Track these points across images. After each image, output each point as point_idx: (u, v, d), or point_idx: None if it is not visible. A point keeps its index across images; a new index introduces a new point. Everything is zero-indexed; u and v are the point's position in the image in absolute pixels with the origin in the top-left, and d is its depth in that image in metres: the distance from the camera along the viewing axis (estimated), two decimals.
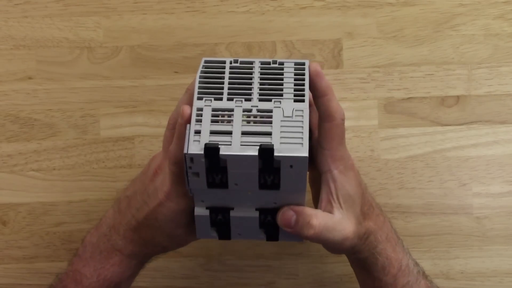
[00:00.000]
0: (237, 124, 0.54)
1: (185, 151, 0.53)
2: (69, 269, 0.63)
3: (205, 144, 0.53)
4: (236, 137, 0.54)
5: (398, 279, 0.61)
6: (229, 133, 0.54)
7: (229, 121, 0.54)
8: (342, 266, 0.74)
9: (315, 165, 0.58)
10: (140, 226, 0.60)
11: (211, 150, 0.53)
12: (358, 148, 0.76)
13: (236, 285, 0.76)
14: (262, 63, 0.58)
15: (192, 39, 0.76)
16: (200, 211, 0.57)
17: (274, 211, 0.57)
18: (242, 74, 0.57)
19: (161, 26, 0.76)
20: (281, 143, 0.53)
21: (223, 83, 0.57)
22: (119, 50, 0.76)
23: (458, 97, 0.76)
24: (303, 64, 0.58)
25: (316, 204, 0.60)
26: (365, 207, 0.60)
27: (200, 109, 0.55)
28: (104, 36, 0.76)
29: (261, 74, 0.57)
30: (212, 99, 0.56)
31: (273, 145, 0.53)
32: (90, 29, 0.76)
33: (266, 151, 0.53)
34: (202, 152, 0.53)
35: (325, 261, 0.75)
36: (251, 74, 0.57)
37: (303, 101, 0.56)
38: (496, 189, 0.76)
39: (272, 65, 0.58)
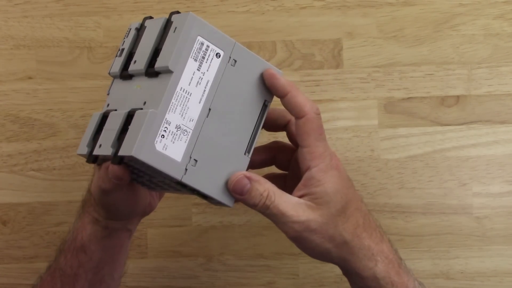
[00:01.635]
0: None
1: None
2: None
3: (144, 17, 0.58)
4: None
5: None
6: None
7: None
8: None
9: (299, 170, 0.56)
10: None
11: (147, 17, 0.58)
12: (358, 148, 0.76)
13: (236, 285, 0.76)
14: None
15: None
16: (98, 113, 0.57)
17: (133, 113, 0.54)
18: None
19: None
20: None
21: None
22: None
23: (458, 97, 0.76)
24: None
25: None
26: (352, 208, 0.56)
27: None
28: (104, 36, 0.76)
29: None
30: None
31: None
32: (90, 29, 0.76)
33: (174, 12, 0.57)
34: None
35: None
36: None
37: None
38: (496, 189, 0.76)
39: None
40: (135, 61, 0.56)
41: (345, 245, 0.55)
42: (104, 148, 0.54)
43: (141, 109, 0.53)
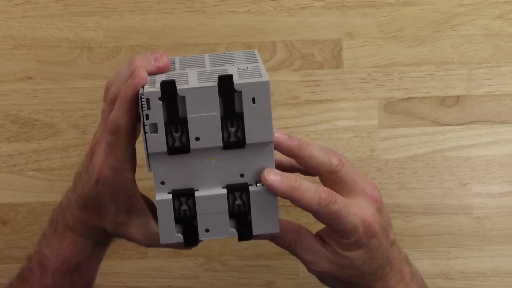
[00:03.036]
0: (193, 77, 0.53)
1: (140, 92, 0.51)
2: (36, 249, 0.62)
3: (161, 81, 0.50)
4: (193, 77, 0.52)
5: None
6: (185, 75, 0.53)
7: (184, 77, 0.53)
8: None
9: None
10: (86, 205, 0.58)
11: (168, 84, 0.50)
12: (358, 148, 0.76)
13: (236, 285, 0.76)
14: (211, 55, 0.58)
15: (192, 39, 0.76)
16: (162, 196, 0.54)
17: (242, 189, 0.54)
18: (192, 61, 0.57)
19: (161, 26, 0.76)
20: (239, 77, 0.52)
21: (174, 69, 0.56)
22: (119, 50, 0.76)
23: (458, 97, 0.76)
24: (253, 52, 0.58)
25: None
26: (377, 272, 0.58)
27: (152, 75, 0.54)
28: (104, 36, 0.76)
29: (211, 59, 0.57)
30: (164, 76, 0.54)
31: (231, 74, 0.51)
32: (90, 29, 0.76)
33: (225, 78, 0.50)
34: (159, 89, 0.50)
35: None
36: (202, 59, 0.57)
37: (256, 62, 0.55)
38: (496, 189, 0.76)
39: (221, 55, 0.58)
40: (197, 138, 0.52)
41: (350, 285, 0.58)
42: (218, 231, 0.55)
43: (246, 183, 0.54)
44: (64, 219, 0.60)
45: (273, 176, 0.53)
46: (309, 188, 0.54)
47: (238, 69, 0.54)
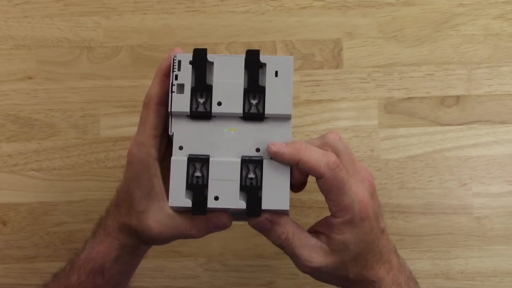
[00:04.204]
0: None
1: (173, 55, 0.55)
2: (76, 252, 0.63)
3: (194, 48, 0.54)
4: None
5: None
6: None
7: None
8: None
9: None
10: (118, 199, 0.58)
11: (200, 49, 0.54)
12: (358, 148, 0.76)
13: (236, 285, 0.76)
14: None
15: (192, 39, 0.76)
16: (178, 156, 0.55)
17: (256, 162, 0.55)
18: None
19: (161, 26, 0.76)
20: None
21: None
22: (119, 50, 0.76)
23: (458, 97, 0.76)
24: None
25: None
26: (362, 256, 0.57)
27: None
28: (104, 36, 0.76)
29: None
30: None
31: (258, 49, 0.55)
32: (90, 29, 0.76)
33: (252, 51, 0.55)
34: (191, 54, 0.54)
35: None
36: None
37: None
38: (496, 189, 0.76)
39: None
40: (219, 103, 0.55)
41: (347, 281, 0.58)
42: (227, 200, 0.55)
43: (260, 157, 0.55)
44: (102, 219, 0.60)
45: (278, 144, 0.54)
46: (317, 150, 0.54)
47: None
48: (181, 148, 0.55)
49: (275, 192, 0.55)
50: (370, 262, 0.57)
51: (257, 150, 0.55)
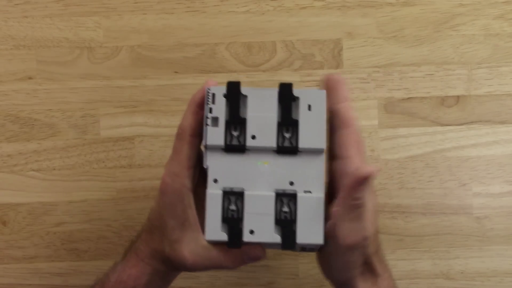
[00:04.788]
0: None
1: (207, 88, 0.55)
2: (105, 273, 0.62)
3: (228, 81, 0.55)
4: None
5: None
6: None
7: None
8: None
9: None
10: (151, 226, 0.59)
11: (234, 83, 0.55)
12: None
13: (236, 285, 0.76)
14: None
15: (192, 39, 0.76)
16: (214, 190, 0.56)
17: (290, 196, 0.56)
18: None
19: (161, 26, 0.76)
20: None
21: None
22: (119, 50, 0.76)
23: (458, 97, 0.76)
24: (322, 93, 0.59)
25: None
26: (376, 236, 0.57)
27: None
28: (104, 36, 0.76)
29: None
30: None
31: (291, 82, 0.55)
32: (90, 29, 0.76)
33: (285, 85, 0.55)
34: (225, 87, 0.55)
35: None
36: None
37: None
38: (496, 189, 0.76)
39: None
40: (253, 136, 0.55)
41: (365, 265, 0.57)
42: (262, 234, 0.56)
43: (294, 190, 0.55)
44: (134, 244, 0.61)
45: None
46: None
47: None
48: (215, 181, 0.56)
49: (310, 225, 0.56)
50: (376, 248, 0.57)
51: (291, 183, 0.56)
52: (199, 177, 0.58)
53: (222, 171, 0.56)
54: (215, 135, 0.55)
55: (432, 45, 0.76)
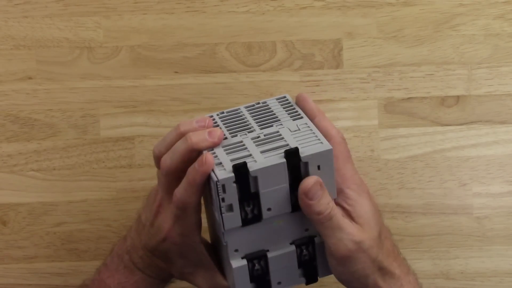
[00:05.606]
0: (253, 148, 0.55)
1: (215, 180, 0.53)
2: (95, 277, 0.63)
3: (233, 165, 0.53)
4: (257, 156, 0.54)
5: None
6: (249, 156, 0.55)
7: (244, 149, 0.55)
8: None
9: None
10: (154, 254, 0.60)
11: (240, 167, 0.53)
12: (358, 148, 0.76)
13: None
14: (247, 107, 0.60)
15: (192, 39, 0.76)
16: (238, 263, 0.57)
17: (308, 242, 0.58)
18: (234, 119, 0.59)
19: (161, 26, 0.76)
20: (301, 148, 0.54)
21: (224, 136, 0.57)
22: (119, 50, 0.76)
23: (458, 97, 0.76)
24: (284, 97, 0.61)
25: None
26: (383, 236, 0.58)
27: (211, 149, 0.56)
28: (104, 36, 0.76)
29: (251, 114, 0.59)
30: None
31: (296, 147, 0.54)
32: (90, 29, 0.76)
33: (292, 153, 0.53)
34: (232, 174, 0.53)
35: None
36: (242, 116, 0.59)
37: (301, 117, 0.58)
38: (496, 189, 0.76)
39: (256, 106, 0.60)
40: (269, 209, 0.55)
41: (380, 271, 0.57)
42: (289, 281, 0.59)
43: (311, 236, 0.58)
44: (131, 259, 0.61)
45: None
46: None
47: (290, 130, 0.57)
48: (236, 250, 0.57)
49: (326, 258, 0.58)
50: (390, 249, 0.58)
51: (306, 230, 0.58)
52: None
53: (241, 241, 0.57)
54: (231, 220, 0.55)
55: (432, 45, 0.76)
